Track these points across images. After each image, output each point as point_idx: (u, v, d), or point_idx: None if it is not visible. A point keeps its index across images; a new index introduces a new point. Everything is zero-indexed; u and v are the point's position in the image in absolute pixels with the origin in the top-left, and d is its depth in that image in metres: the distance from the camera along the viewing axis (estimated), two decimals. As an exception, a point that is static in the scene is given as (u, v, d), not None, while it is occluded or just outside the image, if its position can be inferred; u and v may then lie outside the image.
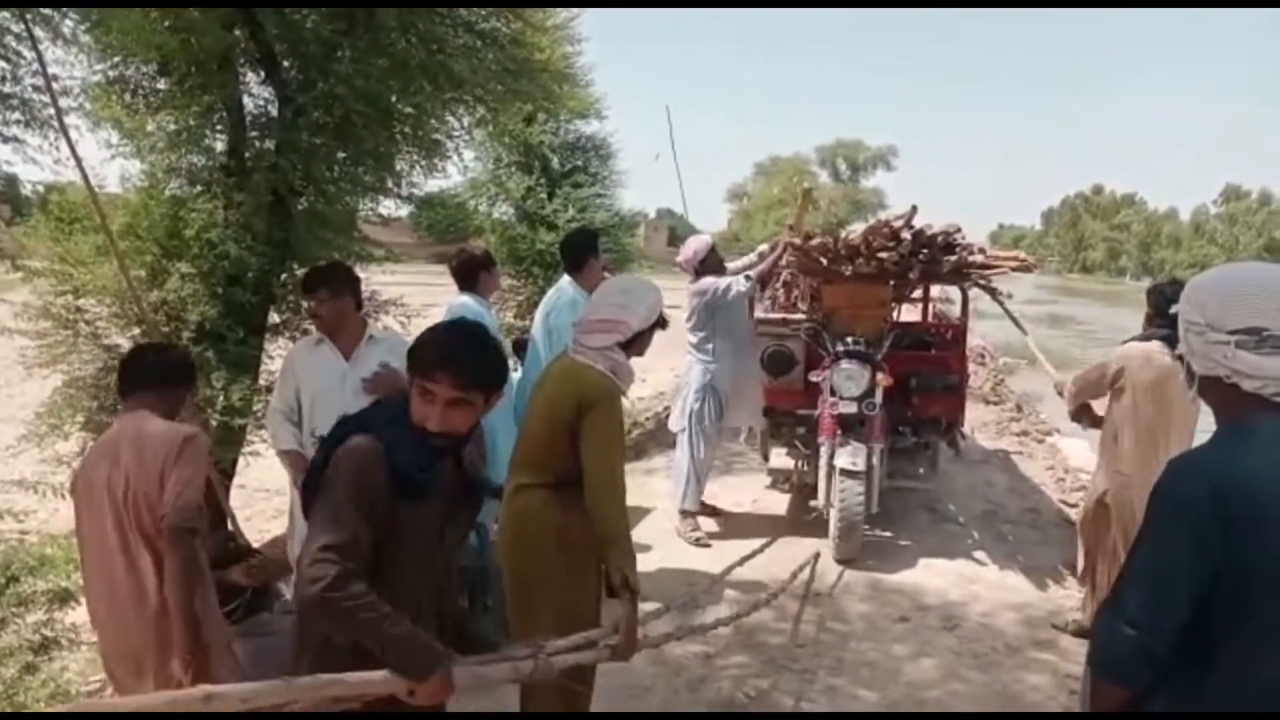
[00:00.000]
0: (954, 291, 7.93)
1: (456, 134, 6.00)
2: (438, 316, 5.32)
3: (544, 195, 9.34)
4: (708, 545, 6.29)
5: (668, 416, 7.49)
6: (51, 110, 3.89)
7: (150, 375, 3.18)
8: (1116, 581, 1.91)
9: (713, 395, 6.39)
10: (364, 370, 4.07)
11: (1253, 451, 1.76)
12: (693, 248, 6.60)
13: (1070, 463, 9.94)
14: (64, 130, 3.94)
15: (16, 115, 3.87)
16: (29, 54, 3.85)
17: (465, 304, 5.21)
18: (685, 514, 6.45)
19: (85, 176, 4.06)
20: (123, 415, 3.14)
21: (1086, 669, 3.24)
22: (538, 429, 3.24)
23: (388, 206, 5.95)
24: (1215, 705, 1.79)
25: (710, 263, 6.53)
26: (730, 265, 6.90)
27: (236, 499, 4.64)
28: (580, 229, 7.28)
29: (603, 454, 3.10)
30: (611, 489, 3.11)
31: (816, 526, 6.32)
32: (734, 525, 6.73)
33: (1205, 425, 2.03)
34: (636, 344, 3.31)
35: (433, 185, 6.20)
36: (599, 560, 3.20)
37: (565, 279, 5.57)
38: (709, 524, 6.65)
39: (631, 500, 6.81)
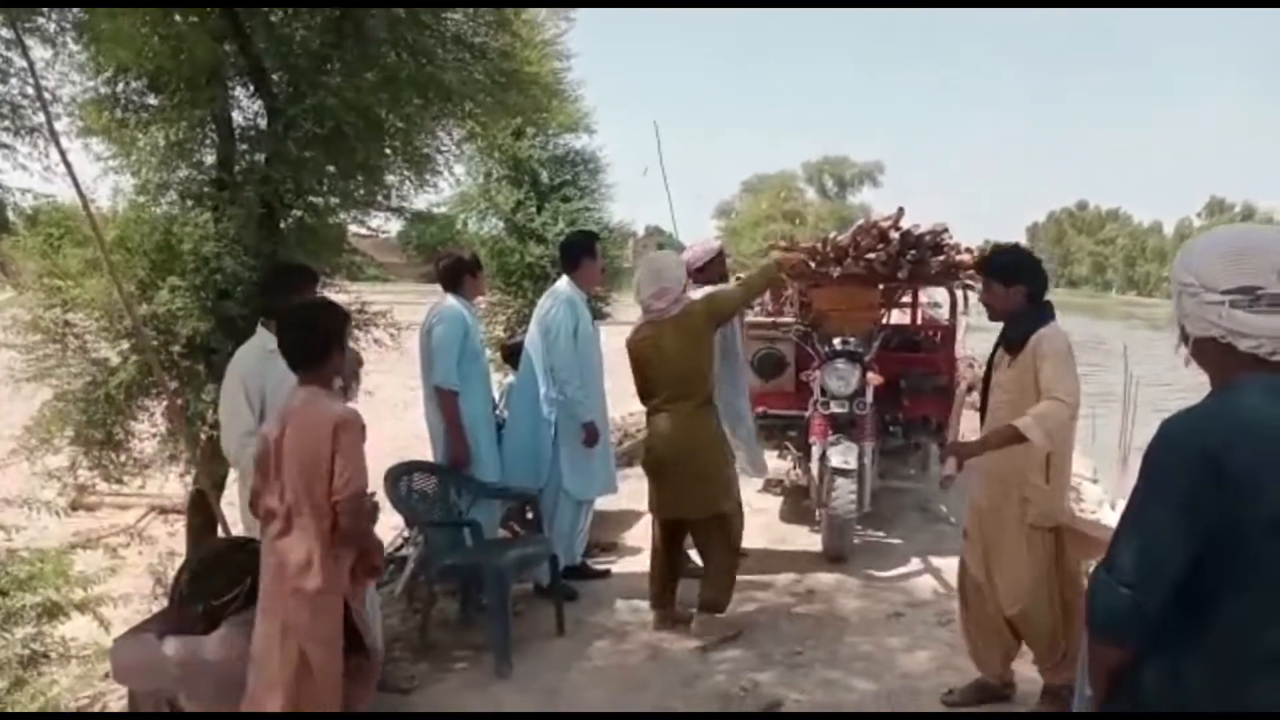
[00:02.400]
0: (941, 296, 7.99)
1: (445, 148, 6.05)
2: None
3: (533, 209, 9.37)
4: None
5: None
6: (41, 118, 3.91)
7: (296, 354, 3.27)
8: (1111, 543, 1.93)
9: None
10: None
11: (1244, 407, 1.77)
12: (696, 250, 6.06)
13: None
14: (54, 137, 3.97)
15: (6, 122, 3.89)
16: (19, 60, 3.87)
17: (448, 304, 5.28)
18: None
19: (76, 183, 4.07)
20: (296, 388, 3.29)
21: (1084, 641, 3.26)
22: (680, 367, 4.82)
23: (378, 220, 5.98)
24: (1215, 663, 1.80)
25: (710, 272, 5.92)
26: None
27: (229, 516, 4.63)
28: (578, 230, 7.30)
29: (733, 291, 5.34)
30: (761, 276, 5.53)
31: (808, 526, 6.32)
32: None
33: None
34: (687, 290, 5.01)
35: (422, 200, 6.22)
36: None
37: (563, 279, 5.64)
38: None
39: (626, 504, 6.89)
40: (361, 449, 3.14)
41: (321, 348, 3.26)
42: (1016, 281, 3.92)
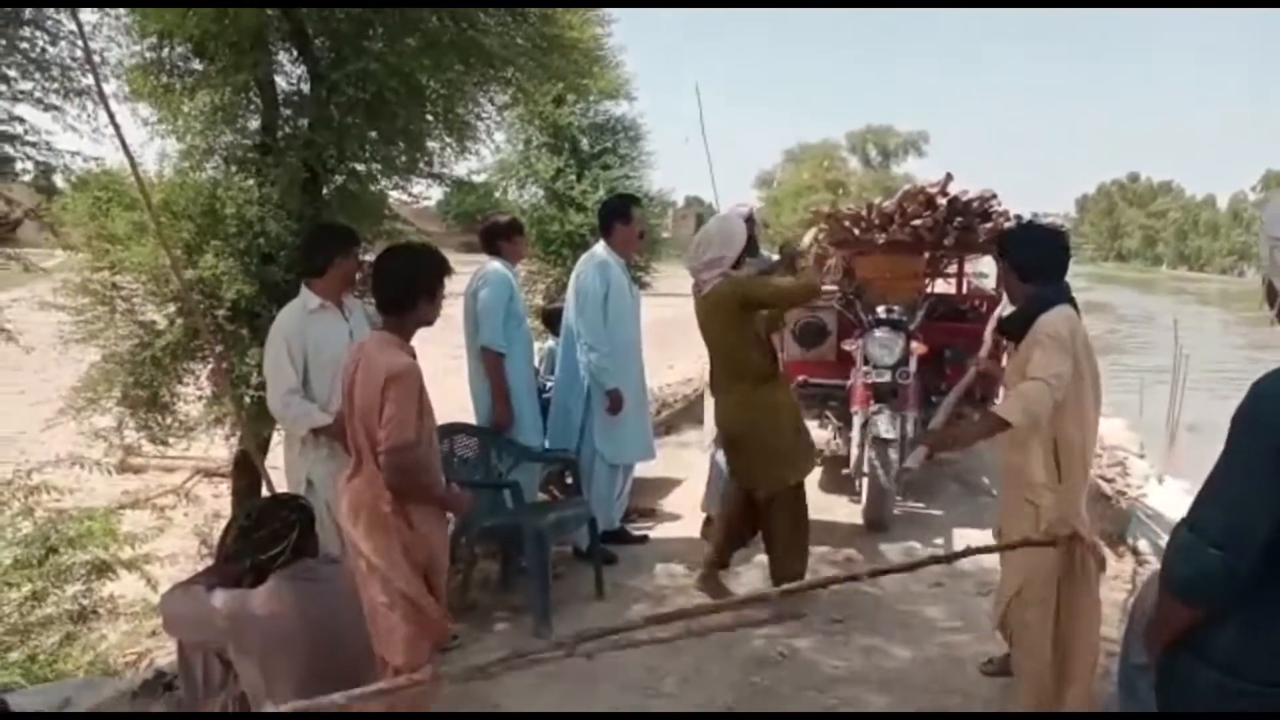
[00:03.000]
0: (988, 265, 7.87)
1: (486, 115, 6.04)
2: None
3: (573, 177, 9.37)
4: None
5: (698, 398, 7.42)
6: (89, 80, 3.94)
7: (382, 297, 3.32)
8: (1195, 503, 1.91)
9: None
10: (357, 325, 4.20)
11: None
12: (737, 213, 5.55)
13: (1107, 440, 9.84)
14: (103, 99, 3.99)
15: (56, 84, 3.93)
16: (69, 23, 3.90)
17: (494, 268, 5.39)
18: (709, 520, 6.12)
19: (125, 146, 4.11)
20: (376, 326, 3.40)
21: (1133, 601, 3.20)
22: (725, 346, 4.75)
23: (419, 186, 5.98)
24: None
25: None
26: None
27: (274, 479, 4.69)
28: (614, 195, 7.24)
29: (779, 288, 4.77)
30: (805, 285, 4.85)
31: (848, 496, 6.28)
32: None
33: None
34: (738, 267, 4.72)
35: (463, 168, 6.21)
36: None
37: (599, 244, 5.63)
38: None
39: (665, 471, 6.87)
40: (412, 402, 3.15)
41: (408, 296, 3.27)
42: (1002, 255, 3.69)
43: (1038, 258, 3.52)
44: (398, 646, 3.20)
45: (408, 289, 3.27)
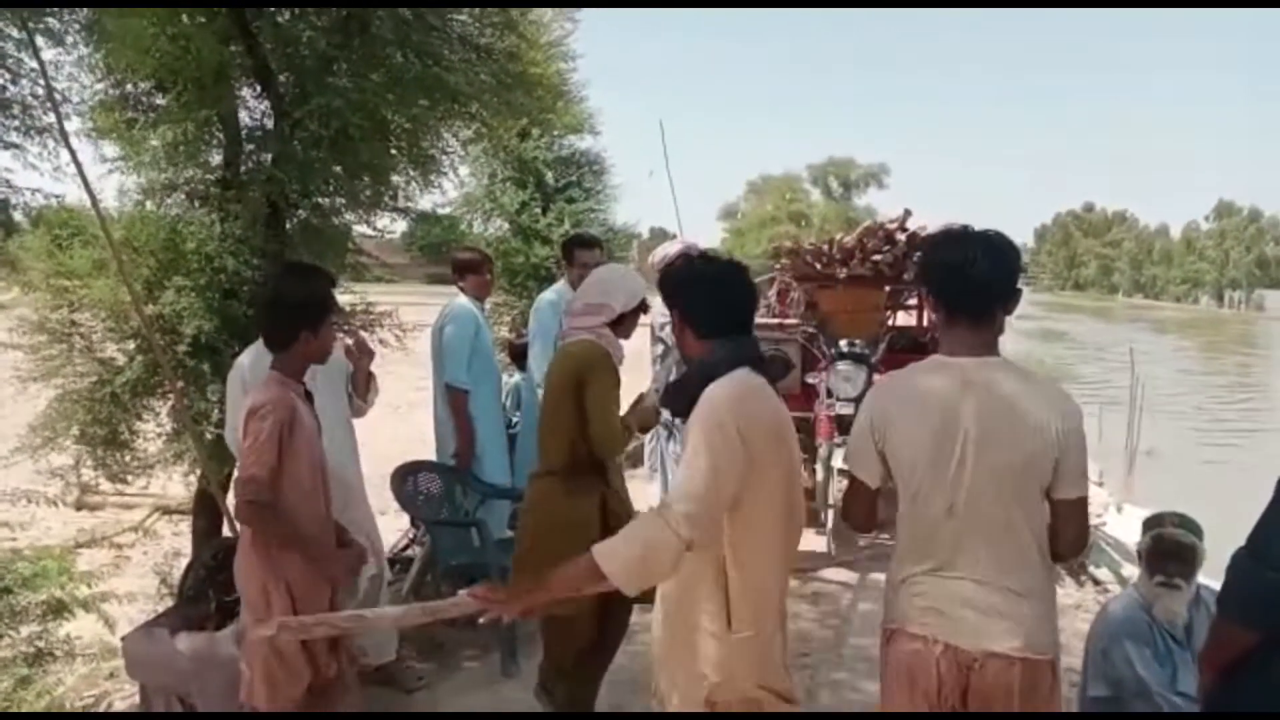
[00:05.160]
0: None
1: (451, 149, 6.06)
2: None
3: (538, 210, 9.41)
4: None
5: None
6: (51, 118, 3.92)
7: (262, 333, 3.19)
8: (1256, 529, 1.93)
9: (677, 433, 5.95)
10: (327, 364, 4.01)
11: None
12: (661, 252, 5.85)
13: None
14: (65, 137, 3.98)
15: (17, 122, 3.90)
16: (30, 61, 3.89)
17: (460, 304, 5.41)
18: None
19: (86, 183, 4.09)
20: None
21: (1088, 636, 3.21)
22: (546, 416, 3.54)
23: (383, 220, 5.98)
24: None
25: None
26: None
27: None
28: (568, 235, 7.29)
29: (603, 412, 3.40)
30: (615, 440, 3.48)
31: (814, 528, 6.31)
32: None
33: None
34: (622, 326, 3.60)
35: (427, 201, 6.23)
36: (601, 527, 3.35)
37: (562, 278, 5.72)
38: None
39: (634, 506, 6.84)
40: (271, 440, 2.91)
41: (286, 331, 3.06)
42: (672, 307, 2.67)
43: (705, 304, 2.59)
44: (259, 691, 2.95)
45: (285, 323, 3.07)
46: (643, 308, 3.69)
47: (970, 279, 2.36)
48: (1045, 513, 2.35)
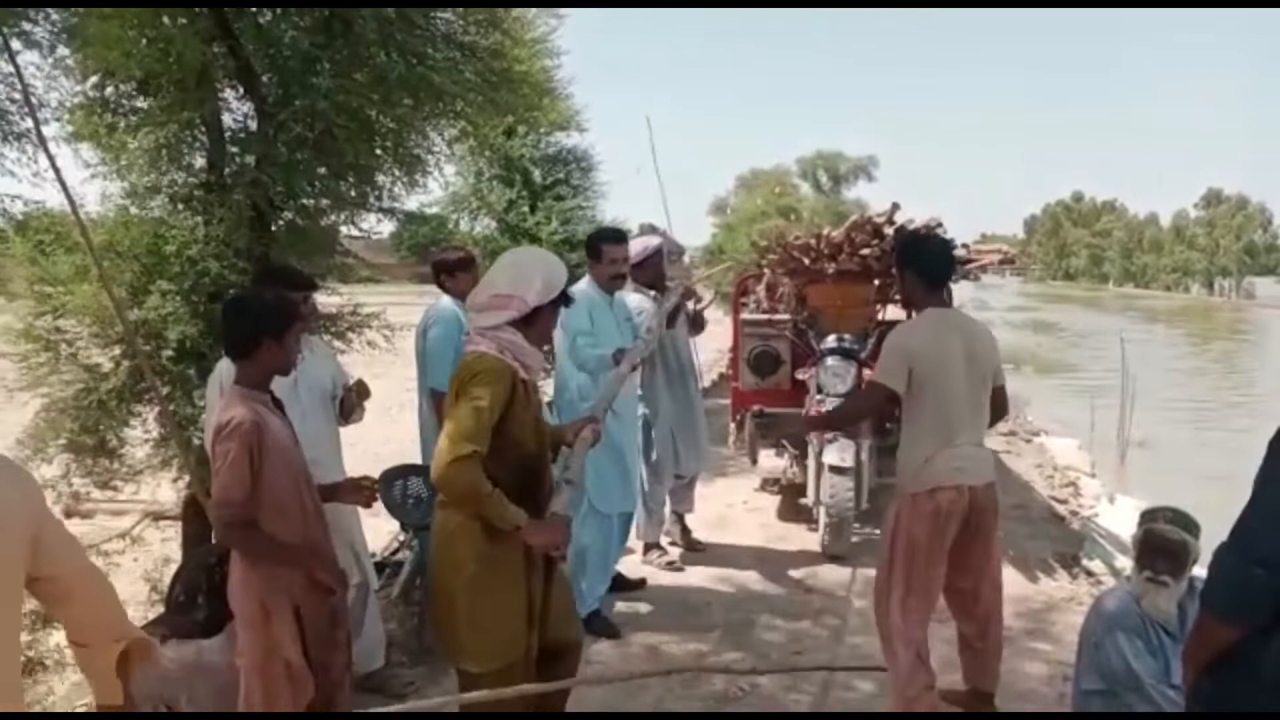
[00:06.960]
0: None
1: (437, 149, 6.03)
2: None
3: (526, 208, 9.38)
4: (680, 569, 5.92)
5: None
6: (29, 123, 3.89)
7: (224, 343, 3.13)
8: (1237, 526, 1.93)
9: (649, 430, 5.78)
10: (309, 369, 3.90)
11: None
12: (635, 246, 5.53)
13: (1058, 461, 10.00)
14: (43, 142, 3.94)
15: (-7, 128, 3.87)
16: (5, 65, 3.85)
17: (444, 305, 5.09)
18: (648, 547, 6.07)
19: (66, 188, 4.05)
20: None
21: (1081, 629, 3.22)
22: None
23: (369, 221, 5.94)
24: None
25: (648, 270, 5.57)
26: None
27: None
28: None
29: (453, 432, 2.84)
30: (440, 456, 2.84)
31: (806, 525, 6.30)
32: (727, 528, 6.73)
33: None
34: (537, 325, 3.04)
35: (414, 201, 6.20)
36: (527, 576, 3.00)
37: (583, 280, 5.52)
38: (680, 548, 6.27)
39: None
40: (241, 459, 2.85)
41: (247, 342, 2.98)
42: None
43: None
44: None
45: (246, 331, 3.00)
46: (563, 301, 3.13)
47: (948, 261, 4.22)
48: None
